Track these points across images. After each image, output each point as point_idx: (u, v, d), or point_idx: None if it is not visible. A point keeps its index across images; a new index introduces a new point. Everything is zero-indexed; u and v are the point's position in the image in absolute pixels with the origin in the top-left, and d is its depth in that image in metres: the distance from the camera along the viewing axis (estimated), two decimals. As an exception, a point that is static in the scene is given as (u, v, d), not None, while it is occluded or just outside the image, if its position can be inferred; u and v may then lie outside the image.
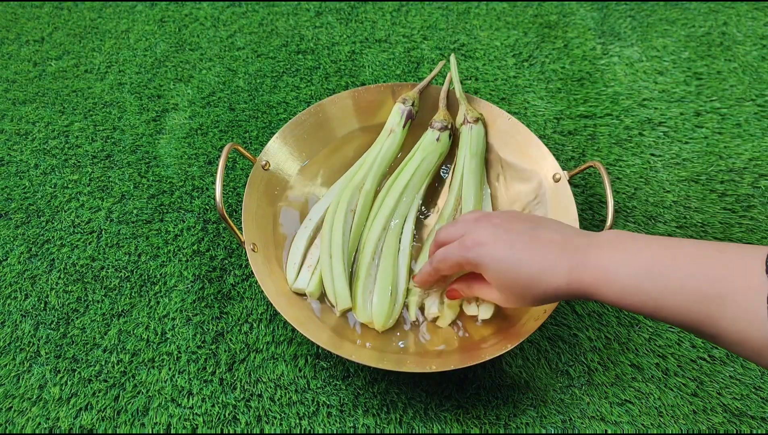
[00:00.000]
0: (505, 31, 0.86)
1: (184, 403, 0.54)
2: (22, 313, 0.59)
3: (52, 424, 0.53)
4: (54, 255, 0.63)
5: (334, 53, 0.83)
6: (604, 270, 0.40)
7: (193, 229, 0.65)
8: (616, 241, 0.42)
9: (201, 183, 0.69)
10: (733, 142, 0.73)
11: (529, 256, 0.43)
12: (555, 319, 0.59)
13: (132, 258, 0.63)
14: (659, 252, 0.39)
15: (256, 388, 0.55)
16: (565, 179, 0.59)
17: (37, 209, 0.67)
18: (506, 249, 0.44)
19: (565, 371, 0.56)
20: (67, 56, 0.83)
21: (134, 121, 0.75)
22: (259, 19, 0.88)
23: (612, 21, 0.88)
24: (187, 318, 0.59)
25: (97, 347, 0.57)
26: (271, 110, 0.76)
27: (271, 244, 0.58)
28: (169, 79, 0.80)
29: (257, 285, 0.60)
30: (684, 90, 0.79)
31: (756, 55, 0.82)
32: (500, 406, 0.54)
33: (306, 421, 0.53)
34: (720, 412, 0.54)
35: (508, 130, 0.64)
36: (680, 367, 0.56)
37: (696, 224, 0.66)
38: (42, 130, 0.75)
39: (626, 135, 0.74)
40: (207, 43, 0.85)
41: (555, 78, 0.80)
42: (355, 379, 0.55)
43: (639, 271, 0.39)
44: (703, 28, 0.86)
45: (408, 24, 0.87)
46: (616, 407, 0.54)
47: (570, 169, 0.60)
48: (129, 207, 0.67)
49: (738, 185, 0.69)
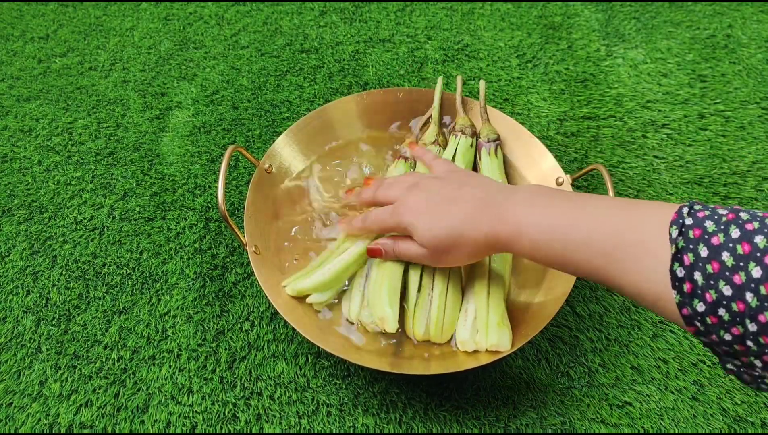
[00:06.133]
0: (509, 31, 0.86)
1: (184, 401, 0.54)
2: (23, 309, 0.60)
3: (52, 420, 0.53)
4: (56, 251, 0.63)
5: (337, 53, 0.83)
6: (518, 225, 0.44)
7: (195, 227, 0.65)
8: (531, 197, 0.45)
9: (203, 181, 0.69)
10: (737, 145, 0.73)
11: (453, 213, 0.47)
12: (555, 320, 0.59)
13: (134, 255, 0.63)
14: (568, 208, 0.42)
15: (256, 387, 0.55)
16: (568, 183, 0.59)
17: (39, 206, 0.67)
18: (434, 212, 0.48)
19: (565, 372, 0.56)
20: (72, 53, 0.84)
21: (138, 119, 0.75)
22: (263, 17, 0.88)
23: (616, 22, 0.87)
24: (188, 316, 0.59)
25: (97, 344, 0.57)
26: (274, 109, 0.76)
27: (273, 246, 0.58)
28: (173, 77, 0.80)
29: (258, 283, 0.60)
30: (688, 92, 0.78)
31: (761, 57, 0.82)
32: (500, 407, 0.54)
33: (306, 420, 0.53)
34: (720, 417, 0.54)
35: (510, 133, 0.64)
36: (681, 370, 0.56)
37: (698, 227, 0.66)
38: (46, 126, 0.75)
39: (629, 137, 0.74)
40: (211, 41, 0.85)
41: (558, 79, 0.80)
42: (355, 379, 0.55)
43: (548, 226, 0.42)
44: (708, 31, 0.86)
45: (412, 24, 0.87)
46: (616, 409, 0.54)
47: (573, 172, 0.60)
48: (131, 204, 0.67)
49: (741, 188, 0.69)
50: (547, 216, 0.42)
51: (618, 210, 0.40)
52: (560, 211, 0.42)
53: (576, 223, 0.41)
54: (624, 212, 0.39)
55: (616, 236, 0.38)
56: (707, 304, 0.33)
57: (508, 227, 0.44)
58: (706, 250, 0.34)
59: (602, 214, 0.40)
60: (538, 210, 0.43)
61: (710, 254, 0.33)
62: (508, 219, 0.44)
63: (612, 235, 0.39)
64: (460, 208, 0.47)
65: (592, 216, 0.40)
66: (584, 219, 0.41)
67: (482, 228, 0.45)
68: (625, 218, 0.39)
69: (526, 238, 0.43)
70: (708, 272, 0.33)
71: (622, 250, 0.38)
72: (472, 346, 0.51)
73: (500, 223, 0.45)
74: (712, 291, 0.33)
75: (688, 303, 0.34)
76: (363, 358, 0.50)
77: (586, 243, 0.40)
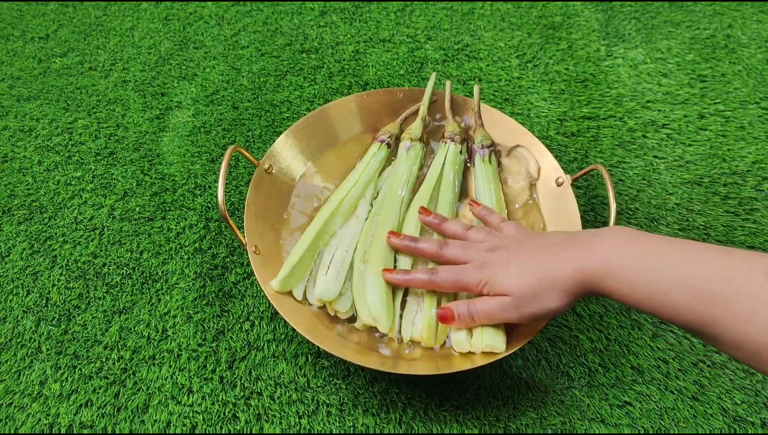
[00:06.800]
0: (509, 31, 0.86)
1: (184, 401, 0.54)
2: (23, 309, 0.60)
3: (53, 420, 0.53)
4: (56, 251, 0.63)
5: (337, 53, 0.83)
6: (609, 263, 0.41)
7: (195, 226, 0.65)
8: (621, 234, 0.42)
9: (204, 181, 0.69)
10: (737, 145, 0.73)
11: (537, 257, 0.45)
12: (556, 320, 0.59)
13: (134, 255, 0.63)
14: (666, 248, 0.39)
15: (256, 386, 0.55)
16: (567, 183, 0.59)
17: (39, 206, 0.67)
18: (519, 259, 0.46)
19: (565, 372, 0.56)
20: (72, 53, 0.84)
21: (138, 119, 0.75)
22: (263, 18, 0.88)
23: (616, 23, 0.87)
24: (188, 316, 0.59)
25: (98, 344, 0.57)
26: (274, 109, 0.76)
27: (273, 246, 0.58)
28: (173, 77, 0.80)
29: (258, 283, 0.60)
30: (688, 92, 0.78)
31: (761, 58, 0.82)
32: (500, 407, 0.54)
33: (305, 420, 0.53)
34: (720, 417, 0.54)
35: (510, 133, 0.64)
36: (681, 370, 0.56)
37: (698, 227, 0.66)
38: (46, 126, 0.75)
39: (629, 137, 0.74)
40: (211, 41, 0.85)
41: (558, 79, 0.80)
42: (355, 379, 0.55)
43: (645, 265, 0.39)
44: (708, 31, 0.86)
45: (412, 24, 0.87)
46: (616, 409, 0.54)
47: (573, 172, 0.60)
48: (131, 204, 0.67)
49: (741, 188, 0.69)
50: (643, 253, 0.40)
51: (722, 254, 0.38)
52: (657, 250, 0.40)
53: (676, 262, 0.38)
54: (729, 258, 0.37)
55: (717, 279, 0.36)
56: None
57: (597, 261, 0.41)
58: None
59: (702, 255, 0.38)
60: (631, 245, 0.41)
61: None
62: (596, 252, 0.42)
63: (714, 278, 0.37)
64: (544, 252, 0.45)
65: (692, 256, 0.38)
66: (684, 258, 0.38)
67: (568, 265, 0.43)
68: (726, 262, 0.37)
69: (619, 272, 0.40)
70: None
71: (727, 298, 0.36)
72: (467, 347, 0.50)
73: (586, 256, 0.42)
74: None
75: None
76: (363, 358, 0.49)
77: (688, 286, 0.37)
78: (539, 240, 0.47)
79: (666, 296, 0.38)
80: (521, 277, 0.45)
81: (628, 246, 0.41)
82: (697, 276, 0.37)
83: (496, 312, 0.47)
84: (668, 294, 0.38)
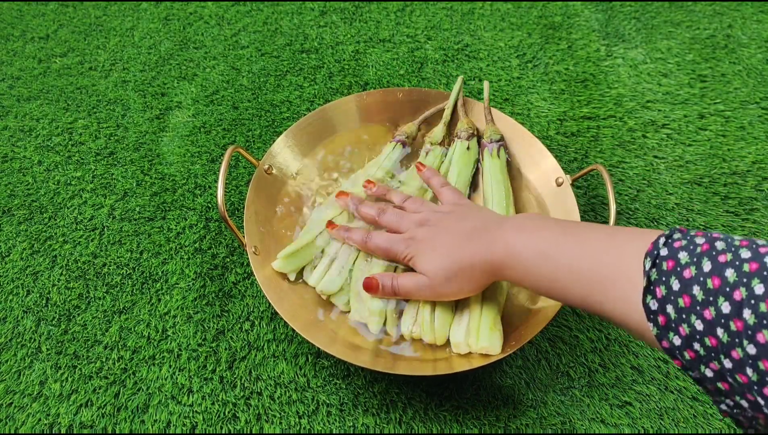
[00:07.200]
0: (509, 31, 0.86)
1: (184, 401, 0.54)
2: (23, 309, 0.60)
3: (53, 420, 0.53)
4: (56, 251, 0.63)
5: (337, 53, 0.83)
6: (510, 250, 0.44)
7: (195, 226, 0.65)
8: (521, 222, 0.46)
9: (204, 181, 0.69)
10: (737, 145, 0.73)
11: (454, 245, 0.48)
12: (556, 320, 0.59)
13: (134, 255, 0.63)
14: (555, 234, 0.42)
15: (256, 386, 0.55)
16: (567, 183, 0.59)
17: (39, 206, 0.67)
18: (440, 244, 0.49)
19: (565, 372, 0.56)
20: (72, 53, 0.84)
21: (138, 119, 0.75)
22: (263, 18, 0.88)
23: (616, 22, 0.87)
24: (188, 316, 0.59)
25: (98, 344, 0.57)
26: (274, 109, 0.76)
27: (273, 246, 0.58)
28: (173, 77, 0.80)
29: (258, 284, 0.60)
30: (688, 92, 0.78)
31: (761, 58, 0.82)
32: (500, 407, 0.54)
33: (305, 420, 0.53)
34: (720, 417, 0.54)
35: (510, 133, 0.64)
36: (681, 370, 0.56)
37: (699, 227, 0.66)
38: (46, 126, 0.75)
39: (629, 137, 0.74)
40: (211, 41, 0.85)
41: (558, 79, 0.80)
42: (355, 379, 0.55)
43: (536, 251, 0.42)
44: (708, 31, 0.86)
45: (412, 24, 0.87)
46: (616, 409, 0.54)
47: (573, 172, 0.60)
48: (131, 204, 0.67)
49: (741, 188, 0.69)
50: (535, 240, 0.43)
51: (603, 235, 0.40)
52: (547, 236, 0.43)
53: (562, 248, 0.41)
54: (609, 239, 0.39)
55: (597, 263, 0.39)
56: (682, 338, 0.33)
57: (500, 251, 0.45)
58: (677, 283, 0.33)
59: (587, 240, 0.40)
60: (526, 234, 0.44)
61: (681, 288, 0.33)
62: (499, 243, 0.45)
63: (594, 262, 0.39)
64: (460, 240, 0.48)
65: (578, 242, 0.41)
66: (570, 244, 0.41)
67: (477, 255, 0.46)
68: (607, 246, 0.39)
69: (516, 261, 0.44)
70: (680, 306, 0.33)
71: (602, 279, 0.38)
72: (465, 348, 0.51)
73: (492, 247, 0.46)
74: (684, 325, 0.33)
75: (665, 335, 0.34)
76: (363, 359, 0.50)
77: (572, 270, 0.40)
78: (462, 223, 0.49)
79: (556, 283, 0.41)
80: (438, 259, 0.48)
81: (525, 235, 0.44)
82: (581, 263, 0.40)
83: (414, 290, 0.51)
84: (558, 280, 0.41)
